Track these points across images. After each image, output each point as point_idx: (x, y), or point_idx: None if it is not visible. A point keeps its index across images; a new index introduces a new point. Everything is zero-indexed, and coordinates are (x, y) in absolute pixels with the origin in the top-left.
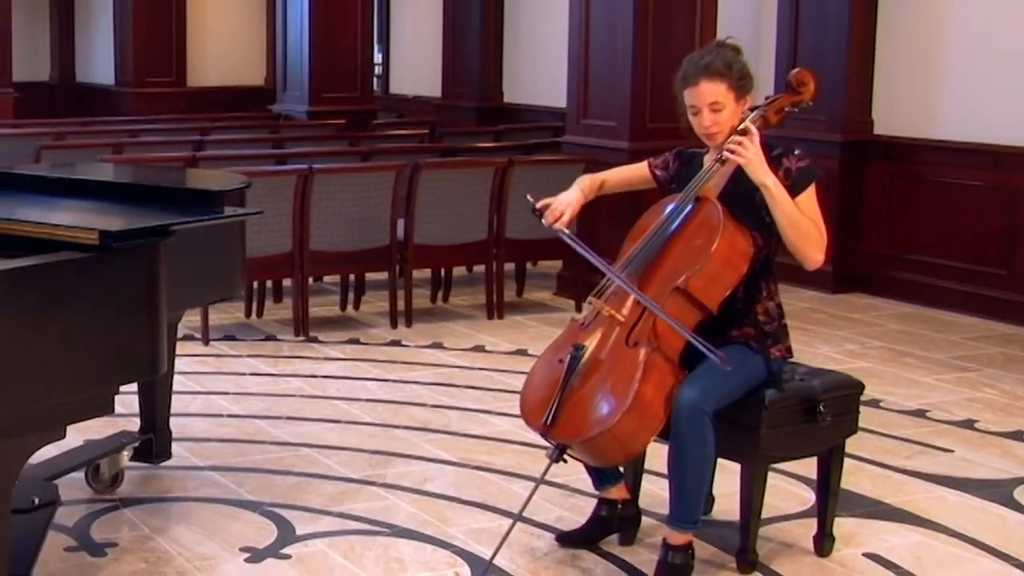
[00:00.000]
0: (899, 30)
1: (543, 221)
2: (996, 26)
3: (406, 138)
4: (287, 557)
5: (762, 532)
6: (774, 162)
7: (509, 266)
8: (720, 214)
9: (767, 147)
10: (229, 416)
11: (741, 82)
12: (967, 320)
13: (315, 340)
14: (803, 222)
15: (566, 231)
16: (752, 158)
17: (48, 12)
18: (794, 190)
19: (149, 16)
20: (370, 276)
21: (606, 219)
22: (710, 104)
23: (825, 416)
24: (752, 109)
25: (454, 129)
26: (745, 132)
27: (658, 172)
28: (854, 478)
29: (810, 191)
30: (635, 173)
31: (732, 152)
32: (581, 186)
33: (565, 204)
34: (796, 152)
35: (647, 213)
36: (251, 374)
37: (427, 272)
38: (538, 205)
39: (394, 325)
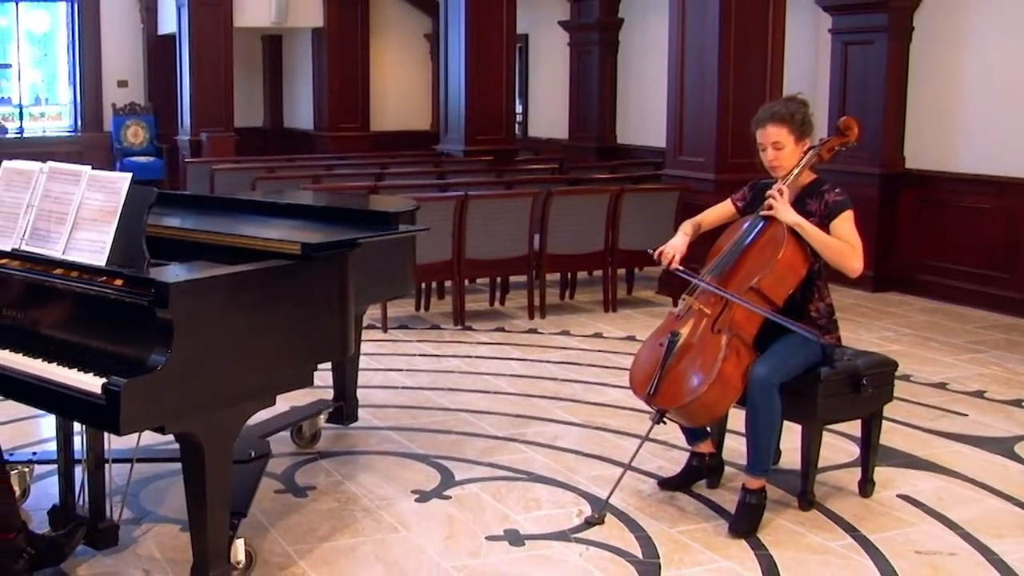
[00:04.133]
0: (925, 86)
1: (661, 264)
2: (1001, 84)
3: (541, 171)
4: (448, 498)
5: (818, 478)
6: (818, 195)
7: (621, 270)
8: (784, 231)
9: (820, 182)
10: (403, 387)
11: (802, 128)
12: (978, 313)
13: (470, 328)
14: (834, 244)
15: (680, 268)
16: (781, 212)
17: (262, 72)
18: (831, 216)
19: (341, 76)
20: (513, 278)
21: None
22: (773, 143)
23: (867, 388)
24: (810, 148)
25: (578, 164)
26: (776, 197)
27: (739, 204)
28: (890, 436)
29: (845, 216)
30: (723, 212)
31: (768, 208)
32: (685, 231)
33: (674, 249)
34: (836, 189)
35: (728, 229)
36: (420, 355)
37: (557, 275)
38: (655, 254)
39: (531, 317)
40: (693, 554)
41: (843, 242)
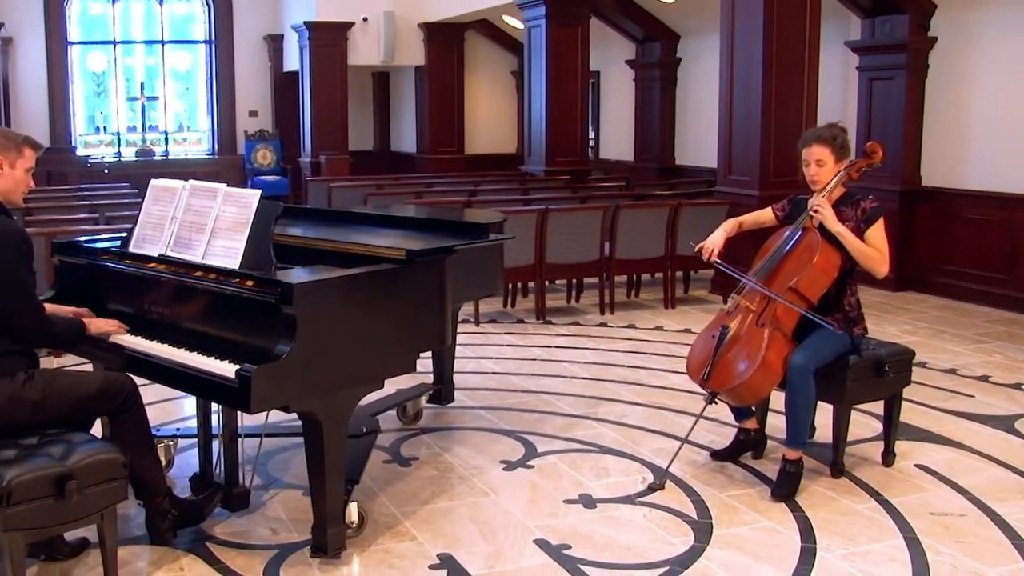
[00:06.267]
0: (939, 116)
1: (702, 257)
2: (1003, 114)
3: (610, 188)
4: (531, 467)
5: (847, 451)
6: (854, 204)
7: (679, 272)
8: (818, 239)
9: (852, 194)
10: (492, 373)
11: (841, 150)
12: (983, 309)
13: (549, 323)
14: (867, 251)
15: (719, 261)
16: (827, 216)
17: (372, 103)
18: (867, 223)
19: (439, 106)
20: (586, 279)
21: (745, 241)
22: (816, 160)
23: (889, 373)
24: (842, 170)
25: (642, 182)
26: (820, 205)
27: (779, 213)
28: (908, 414)
29: (879, 224)
30: (763, 216)
31: (815, 213)
32: (725, 228)
33: (713, 244)
34: (870, 197)
35: (771, 238)
36: (507, 345)
37: (624, 277)
38: (696, 248)
39: (602, 312)
40: (740, 515)
41: (875, 249)
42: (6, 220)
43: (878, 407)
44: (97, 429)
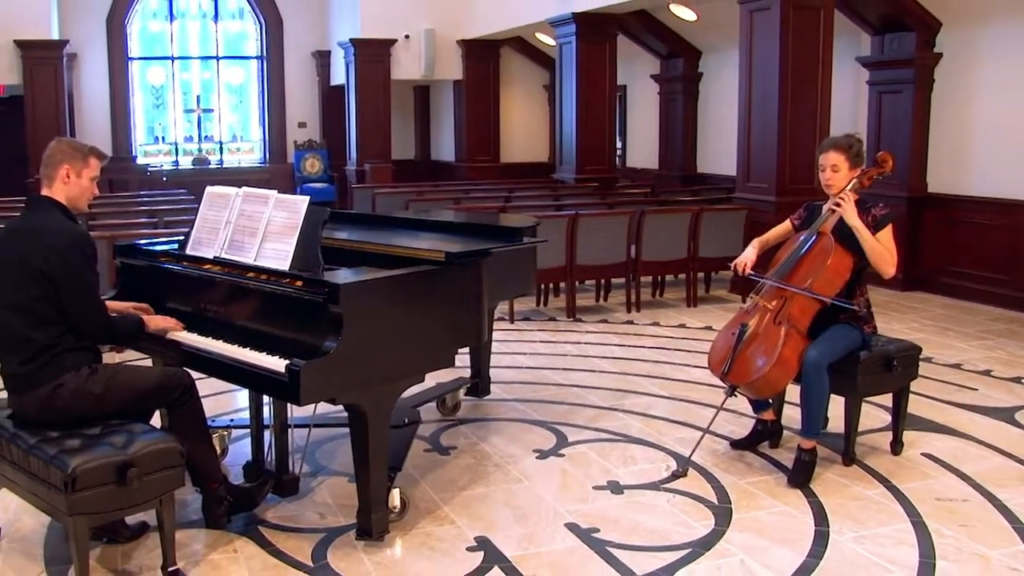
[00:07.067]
0: (944, 127)
1: (736, 272)
2: (1004, 126)
3: (636, 194)
4: (562, 456)
5: (858, 440)
6: (865, 210)
7: (701, 273)
8: (832, 242)
9: (863, 201)
10: (526, 367)
11: (856, 158)
12: (986, 308)
13: (579, 320)
14: (880, 250)
15: (752, 272)
16: (848, 210)
17: (413, 115)
18: (878, 227)
19: (476, 118)
20: (614, 280)
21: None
22: (832, 165)
23: (898, 368)
24: (855, 177)
25: (666, 189)
26: (844, 198)
27: (796, 222)
28: (915, 406)
29: (888, 229)
30: (784, 229)
31: (837, 205)
32: (754, 245)
33: (745, 259)
34: (880, 204)
35: (788, 242)
36: (540, 341)
37: (650, 277)
38: (731, 265)
39: (629, 311)
40: (758, 500)
41: (886, 249)
42: (72, 225)
43: (887, 400)
44: (156, 420)
